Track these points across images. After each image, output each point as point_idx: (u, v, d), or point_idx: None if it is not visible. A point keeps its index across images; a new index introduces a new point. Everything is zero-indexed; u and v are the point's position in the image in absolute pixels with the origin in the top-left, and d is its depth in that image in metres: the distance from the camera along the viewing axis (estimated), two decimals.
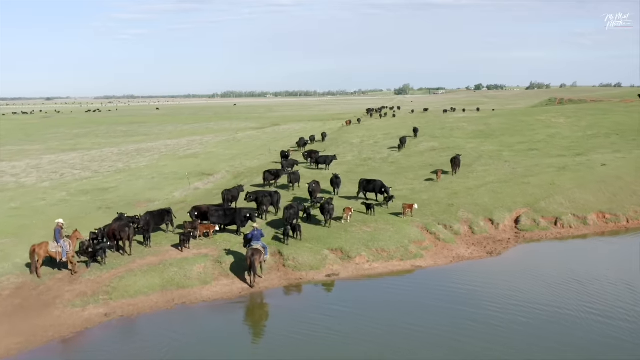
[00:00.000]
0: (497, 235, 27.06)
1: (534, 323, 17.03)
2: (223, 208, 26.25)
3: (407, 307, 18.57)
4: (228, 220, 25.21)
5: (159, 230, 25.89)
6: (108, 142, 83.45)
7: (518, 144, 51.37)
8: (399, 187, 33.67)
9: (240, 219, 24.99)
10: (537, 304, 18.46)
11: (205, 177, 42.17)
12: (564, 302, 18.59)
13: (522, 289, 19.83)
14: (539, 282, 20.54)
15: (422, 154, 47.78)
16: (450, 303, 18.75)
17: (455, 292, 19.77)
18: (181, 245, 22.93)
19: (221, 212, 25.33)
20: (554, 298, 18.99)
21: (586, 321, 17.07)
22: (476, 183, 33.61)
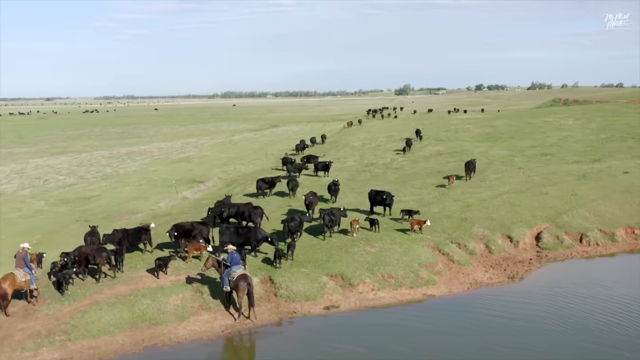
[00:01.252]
0: (517, 254, 24.07)
1: None
2: (235, 226, 22.98)
3: (420, 351, 15.60)
4: (241, 240, 21.97)
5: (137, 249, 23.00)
6: (100, 145, 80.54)
7: (529, 148, 48.37)
8: (405, 197, 30.70)
9: (257, 239, 21.84)
10: (577, 345, 15.52)
11: (196, 185, 39.21)
12: (610, 341, 15.65)
13: (557, 330, 16.82)
14: (577, 319, 17.54)
15: (427, 159, 44.78)
16: (472, 343, 15.79)
17: (476, 329, 16.81)
18: (157, 270, 20.00)
19: (232, 229, 22.24)
20: (596, 338, 16.03)
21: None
22: (490, 193, 30.61)
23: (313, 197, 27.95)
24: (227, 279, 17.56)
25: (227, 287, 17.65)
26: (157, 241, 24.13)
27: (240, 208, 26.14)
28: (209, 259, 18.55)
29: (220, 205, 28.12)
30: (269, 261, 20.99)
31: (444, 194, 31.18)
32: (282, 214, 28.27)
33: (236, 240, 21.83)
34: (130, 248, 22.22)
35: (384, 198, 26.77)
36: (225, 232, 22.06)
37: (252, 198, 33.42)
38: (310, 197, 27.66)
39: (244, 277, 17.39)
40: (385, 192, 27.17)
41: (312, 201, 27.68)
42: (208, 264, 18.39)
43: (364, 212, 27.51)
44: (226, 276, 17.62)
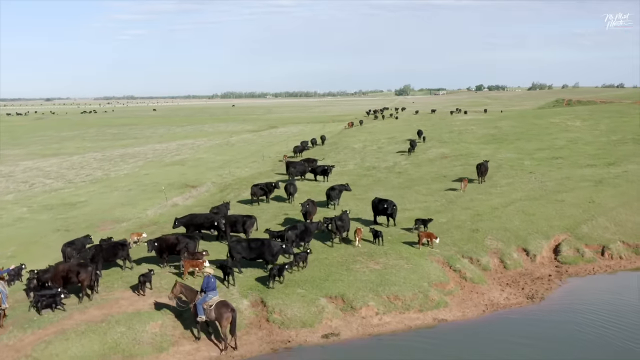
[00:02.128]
0: (535, 270, 21.92)
1: None
2: (247, 239, 20.93)
3: None
4: (254, 255, 19.92)
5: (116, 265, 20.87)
6: (94, 146, 78.47)
7: (538, 150, 46.21)
8: (409, 205, 28.56)
9: (272, 252, 19.81)
10: None
11: (188, 190, 37.05)
12: None
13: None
14: (608, 348, 15.41)
15: (432, 163, 42.63)
16: None
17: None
18: (140, 288, 17.93)
19: (244, 243, 20.07)
20: None
21: None
22: (501, 201, 28.46)
23: (310, 205, 25.80)
24: (202, 307, 15.37)
25: (202, 317, 15.42)
26: (140, 254, 22.09)
27: (209, 218, 24.33)
28: (176, 285, 16.34)
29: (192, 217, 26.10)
30: (261, 280, 18.83)
31: (452, 201, 29.02)
32: (278, 224, 26.14)
33: (248, 255, 19.83)
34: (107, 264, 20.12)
35: (385, 207, 24.52)
36: (235, 246, 19.88)
37: (246, 205, 31.34)
38: (307, 206, 25.50)
39: (225, 305, 15.22)
40: (387, 201, 24.90)
41: (310, 210, 25.54)
42: (175, 290, 16.15)
43: (367, 222, 25.34)
44: (201, 304, 15.42)
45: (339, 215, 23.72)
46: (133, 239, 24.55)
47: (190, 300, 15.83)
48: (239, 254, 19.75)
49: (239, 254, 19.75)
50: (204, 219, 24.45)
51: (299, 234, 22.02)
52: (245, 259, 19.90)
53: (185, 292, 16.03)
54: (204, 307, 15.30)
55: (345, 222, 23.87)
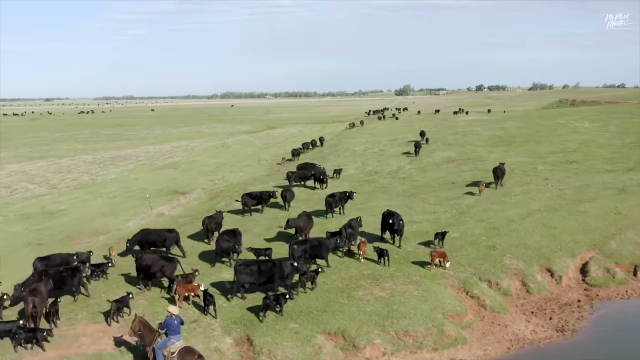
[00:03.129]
0: (562, 294, 19.31)
1: None
2: (256, 261, 18.48)
3: None
4: (263, 279, 17.41)
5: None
6: (85, 148, 75.84)
7: (550, 154, 43.58)
8: (417, 217, 25.90)
9: (283, 274, 17.39)
10: None
11: (176, 198, 34.39)
12: None
13: None
14: None
15: (438, 167, 39.98)
16: None
17: None
18: (113, 316, 15.42)
19: (253, 266, 17.45)
20: None
21: None
22: (518, 212, 25.82)
23: (304, 220, 23.04)
24: (162, 354, 12.72)
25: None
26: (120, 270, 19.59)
27: (161, 235, 21.92)
28: (135, 320, 13.72)
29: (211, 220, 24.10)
30: (252, 310, 16.18)
31: (464, 212, 26.36)
32: (268, 238, 23.52)
33: (257, 280, 17.31)
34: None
35: (391, 223, 21.83)
36: (242, 270, 17.23)
37: (237, 216, 28.69)
38: (297, 221, 22.78)
39: (190, 352, 12.51)
40: (393, 215, 22.21)
41: (302, 226, 22.79)
42: (134, 327, 13.57)
43: (370, 236, 22.67)
44: (160, 349, 12.74)
45: (348, 222, 22.09)
46: (113, 253, 22.12)
47: (147, 343, 13.17)
48: (248, 278, 17.21)
49: (248, 278, 17.21)
50: (156, 236, 21.95)
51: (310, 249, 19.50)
52: (254, 284, 17.38)
53: (144, 330, 13.35)
54: (164, 354, 12.64)
55: (355, 230, 22.24)
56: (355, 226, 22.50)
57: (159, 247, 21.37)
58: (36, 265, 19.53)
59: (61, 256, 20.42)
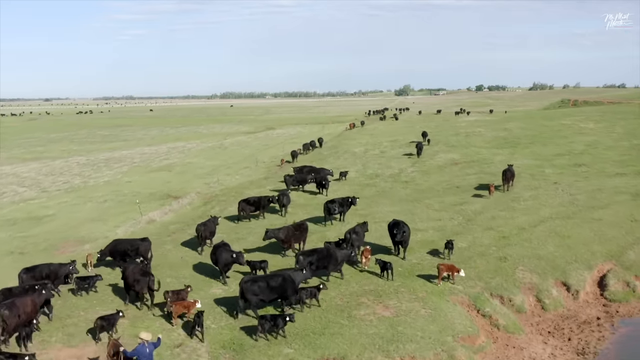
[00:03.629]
0: (579, 310, 17.87)
1: None
2: (265, 276, 16.89)
3: None
4: (275, 295, 16.03)
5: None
6: (80, 150, 74.46)
7: (556, 156, 42.13)
8: (421, 224, 24.43)
9: (295, 289, 16.06)
10: None
11: (168, 202, 32.95)
12: None
13: None
14: None
15: (442, 170, 38.52)
16: None
17: None
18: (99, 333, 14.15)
19: (262, 282, 16.03)
20: None
21: None
22: (528, 219, 24.35)
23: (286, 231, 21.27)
24: None
25: None
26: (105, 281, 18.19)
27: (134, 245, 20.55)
28: (110, 343, 12.29)
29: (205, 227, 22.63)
30: (245, 331, 14.73)
31: (471, 219, 24.88)
32: (266, 247, 22.05)
33: (268, 297, 15.92)
34: None
35: (394, 233, 20.32)
36: (250, 287, 15.75)
37: (231, 223, 27.22)
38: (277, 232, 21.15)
39: None
40: (398, 225, 20.62)
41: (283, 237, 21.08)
42: (109, 351, 12.19)
43: (372, 246, 21.16)
44: None
45: (353, 228, 21.14)
46: (89, 261, 20.82)
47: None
48: (256, 295, 15.76)
49: (256, 295, 15.76)
50: (128, 246, 20.61)
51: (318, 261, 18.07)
52: (263, 301, 15.98)
53: (111, 353, 11.94)
54: None
55: (361, 236, 21.10)
56: (361, 232, 21.34)
57: (131, 257, 19.94)
58: (22, 277, 18.16)
59: (50, 267, 18.83)
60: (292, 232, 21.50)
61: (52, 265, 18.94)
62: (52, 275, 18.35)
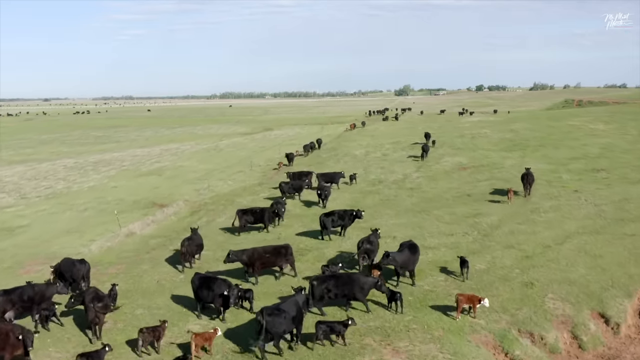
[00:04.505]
0: (622, 349, 15.15)
1: None
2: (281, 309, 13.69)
3: None
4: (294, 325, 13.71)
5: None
6: (70, 151, 71.76)
7: (571, 160, 39.42)
8: (431, 240, 21.69)
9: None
10: None
11: (152, 212, 30.18)
12: None
13: None
14: None
15: (449, 176, 35.78)
16: None
17: None
18: None
19: (285, 314, 13.40)
20: None
21: None
22: (552, 235, 21.62)
23: (250, 253, 18.23)
24: None
25: None
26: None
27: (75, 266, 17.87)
28: None
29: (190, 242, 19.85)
30: None
31: (487, 234, 22.14)
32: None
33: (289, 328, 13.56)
34: None
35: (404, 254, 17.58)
36: (275, 320, 13.21)
37: (218, 237, 24.45)
38: (240, 254, 18.26)
39: None
40: (412, 247, 17.80)
41: (247, 260, 18.12)
42: None
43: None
44: None
45: (367, 237, 19.06)
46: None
47: None
48: (281, 328, 13.31)
49: (281, 328, 13.31)
50: (66, 267, 17.95)
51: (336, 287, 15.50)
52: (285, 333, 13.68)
53: None
54: None
55: (374, 246, 18.82)
56: (375, 241, 19.02)
57: (67, 279, 17.32)
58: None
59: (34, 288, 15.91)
60: (260, 255, 18.30)
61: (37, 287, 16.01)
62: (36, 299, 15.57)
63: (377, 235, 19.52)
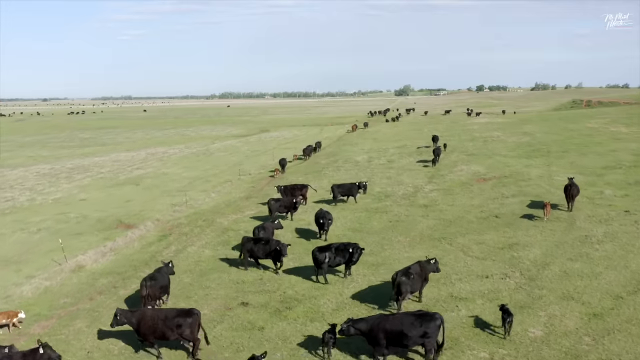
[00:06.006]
0: None
1: None
2: None
3: None
4: None
5: None
6: (48, 156, 66.66)
7: (605, 169, 34.24)
8: (461, 285, 16.50)
9: None
10: None
11: (115, 234, 25.00)
12: None
13: None
14: None
15: (468, 189, 30.58)
16: None
17: None
18: None
19: None
20: None
21: None
22: (620, 278, 16.38)
23: (139, 315, 13.49)
24: None
25: None
26: None
27: None
28: None
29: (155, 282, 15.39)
30: None
31: (533, 276, 16.89)
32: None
33: None
34: None
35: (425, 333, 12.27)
36: None
37: (190, 270, 19.25)
38: (129, 315, 13.51)
39: None
40: (437, 318, 12.59)
41: (134, 322, 13.39)
42: None
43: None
44: None
45: (407, 268, 15.04)
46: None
47: None
48: None
49: None
50: None
51: None
52: None
53: None
54: None
55: (428, 270, 15.50)
56: (428, 268, 15.29)
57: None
58: None
59: None
60: (156, 320, 13.17)
61: None
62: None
63: (434, 265, 15.41)
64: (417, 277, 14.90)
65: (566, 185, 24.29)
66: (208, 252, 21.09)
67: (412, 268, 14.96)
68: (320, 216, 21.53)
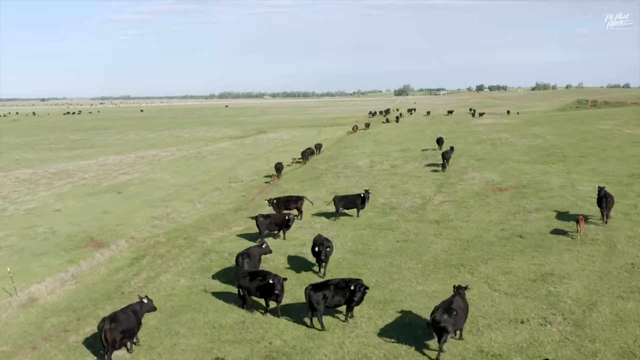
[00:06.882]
0: None
1: None
2: None
3: None
4: None
5: None
6: (35, 159, 63.51)
7: (632, 178, 30.94)
8: (491, 335, 13.25)
9: None
10: None
11: (81, 256, 21.74)
12: None
13: None
14: None
15: (483, 200, 27.30)
16: None
17: None
18: None
19: None
20: None
21: None
22: None
23: None
24: None
25: None
26: None
27: None
28: None
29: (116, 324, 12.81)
30: None
31: (580, 322, 13.51)
32: None
33: None
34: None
35: None
36: None
37: (159, 310, 16.02)
38: None
39: None
40: None
41: None
42: None
43: None
44: None
45: (447, 304, 12.47)
46: None
47: None
48: None
49: None
50: None
51: None
52: None
53: None
54: None
55: (460, 318, 12.59)
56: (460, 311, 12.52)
57: None
58: None
59: None
60: None
61: None
62: None
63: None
64: (462, 313, 12.44)
65: (600, 196, 21.32)
66: (184, 281, 17.83)
67: (454, 302, 12.41)
68: (318, 243, 17.67)
